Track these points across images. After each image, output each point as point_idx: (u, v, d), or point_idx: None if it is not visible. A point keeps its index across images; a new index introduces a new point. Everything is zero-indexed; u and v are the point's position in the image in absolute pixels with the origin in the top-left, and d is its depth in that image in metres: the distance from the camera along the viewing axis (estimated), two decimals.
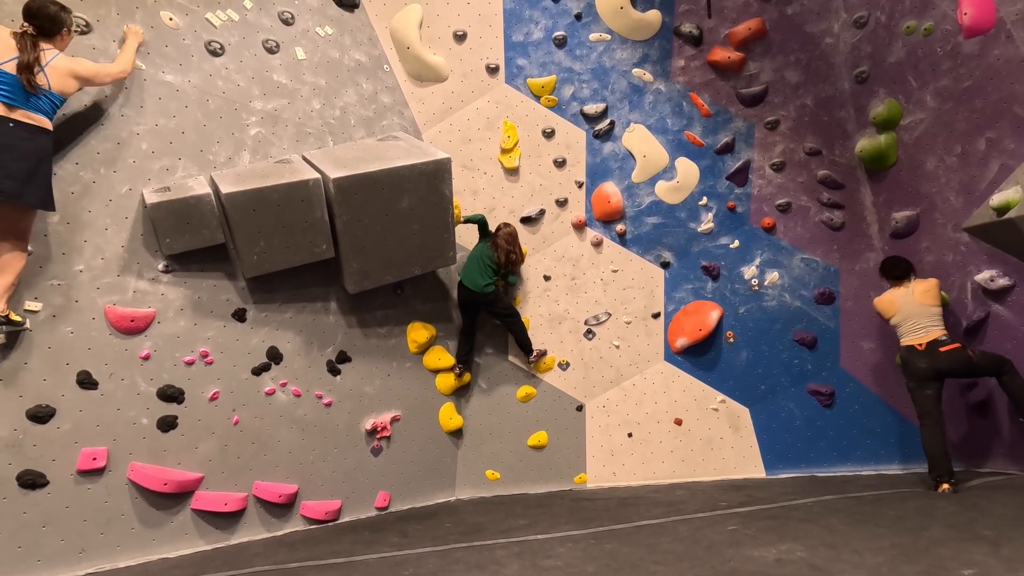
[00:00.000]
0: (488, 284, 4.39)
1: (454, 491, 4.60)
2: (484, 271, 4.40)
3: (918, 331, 3.96)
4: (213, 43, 3.77)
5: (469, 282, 4.41)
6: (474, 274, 4.41)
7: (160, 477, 3.41)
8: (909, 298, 4.04)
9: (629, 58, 4.75)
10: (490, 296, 4.42)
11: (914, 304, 4.01)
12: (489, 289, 4.40)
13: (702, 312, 4.82)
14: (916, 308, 4.00)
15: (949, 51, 4.04)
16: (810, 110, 4.76)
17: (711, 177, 4.86)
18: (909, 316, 4.01)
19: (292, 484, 3.88)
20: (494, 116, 4.71)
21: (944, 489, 3.70)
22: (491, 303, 4.46)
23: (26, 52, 2.82)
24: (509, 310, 4.58)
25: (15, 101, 2.82)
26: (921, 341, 3.92)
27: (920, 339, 3.93)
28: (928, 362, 3.86)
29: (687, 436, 4.80)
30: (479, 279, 4.39)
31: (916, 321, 3.98)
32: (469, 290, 4.41)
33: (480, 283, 4.38)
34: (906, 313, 4.03)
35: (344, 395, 4.16)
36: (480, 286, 4.38)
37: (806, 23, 4.61)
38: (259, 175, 3.65)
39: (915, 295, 4.03)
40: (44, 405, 3.19)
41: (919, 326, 3.96)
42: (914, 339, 3.96)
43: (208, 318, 3.67)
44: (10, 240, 2.94)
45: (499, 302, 4.51)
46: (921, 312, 3.97)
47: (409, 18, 4.47)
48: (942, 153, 4.23)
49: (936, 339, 3.89)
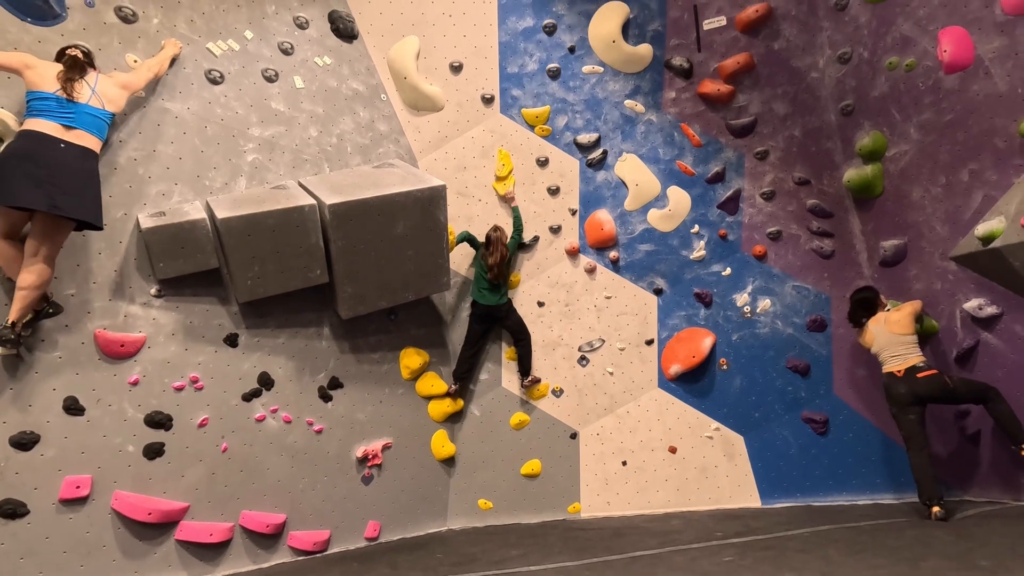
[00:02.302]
0: (501, 296, 4.48)
1: (446, 521, 4.52)
2: (488, 287, 4.46)
3: (896, 359, 4.09)
4: (213, 71, 3.84)
5: (481, 299, 4.47)
6: (482, 290, 4.47)
7: (144, 506, 3.33)
8: (882, 328, 4.20)
9: (621, 90, 4.86)
10: (504, 308, 4.51)
11: (886, 334, 4.16)
12: (503, 300, 4.50)
13: (695, 339, 4.83)
14: (889, 337, 4.14)
15: (931, 86, 4.17)
16: (798, 141, 4.87)
17: (702, 205, 4.93)
18: (885, 346, 4.16)
19: (280, 513, 3.80)
20: (489, 144, 4.78)
21: (936, 512, 3.74)
22: (506, 315, 4.53)
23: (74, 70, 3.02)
24: (522, 324, 4.64)
25: (73, 123, 2.99)
26: (899, 368, 4.04)
27: (898, 366, 4.06)
28: (906, 388, 3.99)
29: (682, 464, 4.75)
30: (489, 295, 4.46)
31: (893, 349, 4.11)
32: (483, 305, 4.48)
33: (492, 298, 4.45)
34: (881, 343, 4.19)
35: (335, 422, 4.11)
36: (493, 301, 4.45)
37: (792, 58, 4.75)
38: (255, 200, 3.67)
39: (887, 324, 4.18)
40: (28, 432, 3.13)
41: (896, 354, 4.10)
42: (893, 366, 4.09)
43: (199, 343, 3.64)
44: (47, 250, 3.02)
45: (513, 314, 4.59)
46: (896, 341, 4.11)
47: (406, 49, 4.57)
48: (927, 184, 4.33)
49: (914, 365, 4.00)
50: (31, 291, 2.96)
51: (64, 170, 2.92)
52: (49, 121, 2.94)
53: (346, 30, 4.42)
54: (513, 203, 4.70)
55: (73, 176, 2.96)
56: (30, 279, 2.94)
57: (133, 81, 3.36)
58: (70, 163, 2.95)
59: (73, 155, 2.97)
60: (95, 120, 3.09)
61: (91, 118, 3.06)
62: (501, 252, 4.44)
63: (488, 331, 4.61)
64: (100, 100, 3.10)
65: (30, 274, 2.94)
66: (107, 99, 3.15)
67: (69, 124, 2.98)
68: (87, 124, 3.05)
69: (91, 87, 3.08)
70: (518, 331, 4.62)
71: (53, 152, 2.91)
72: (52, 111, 2.95)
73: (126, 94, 3.30)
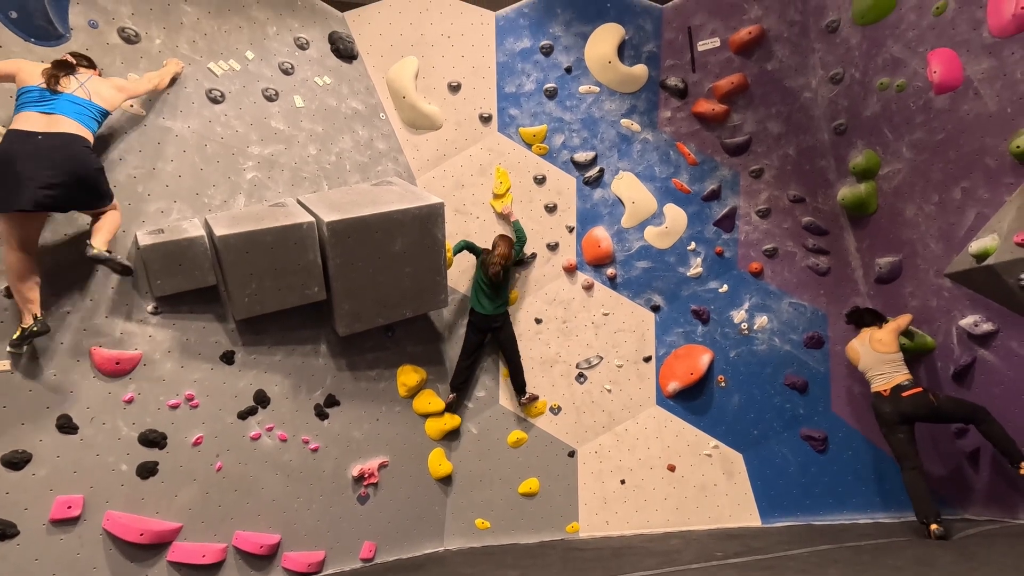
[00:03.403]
0: (499, 306, 4.51)
1: (442, 541, 4.46)
2: (488, 293, 4.47)
3: (881, 377, 4.11)
4: (214, 91, 3.88)
5: (479, 307, 4.49)
6: (481, 297, 4.48)
7: (136, 527, 3.28)
8: (867, 347, 4.22)
9: (617, 109, 4.93)
10: (500, 318, 4.52)
11: (872, 353, 4.18)
12: (501, 310, 4.52)
13: (693, 356, 4.83)
14: (874, 356, 4.16)
15: (921, 106, 4.23)
16: (792, 159, 4.93)
17: (699, 223, 4.97)
18: (871, 365, 4.18)
19: (274, 534, 3.75)
20: (487, 162, 4.82)
21: (935, 530, 3.69)
22: (501, 326, 4.54)
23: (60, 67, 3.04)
24: (514, 339, 4.65)
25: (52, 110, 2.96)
26: (885, 387, 4.06)
27: (884, 385, 4.07)
28: (891, 407, 4.00)
29: (681, 483, 4.71)
30: (487, 303, 4.48)
31: (878, 368, 4.13)
32: (480, 315, 4.49)
33: (490, 307, 4.48)
34: (867, 362, 4.21)
35: (331, 440, 4.08)
36: (490, 309, 4.47)
37: (785, 78, 4.83)
38: (253, 218, 3.68)
39: (871, 343, 4.20)
40: (20, 451, 3.09)
41: (881, 373, 4.11)
42: (879, 386, 4.11)
43: (195, 360, 3.63)
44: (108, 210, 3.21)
45: (508, 327, 4.61)
46: (880, 359, 4.13)
47: (405, 69, 4.63)
48: (920, 202, 4.37)
49: (899, 384, 4.01)
50: (101, 225, 3.15)
51: (42, 162, 2.86)
52: (29, 111, 2.92)
53: (346, 51, 4.49)
54: (513, 218, 4.73)
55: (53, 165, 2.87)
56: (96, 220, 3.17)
57: (130, 86, 3.38)
58: (49, 154, 2.88)
59: (51, 145, 2.89)
60: (77, 107, 3.02)
61: (72, 105, 3.01)
62: (506, 251, 4.42)
63: (484, 342, 4.61)
64: (87, 92, 3.08)
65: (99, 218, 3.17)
66: (96, 94, 3.12)
67: (48, 111, 2.94)
68: (67, 111, 2.99)
69: (80, 82, 3.08)
70: (509, 345, 4.61)
71: (30, 146, 2.85)
72: (33, 102, 2.94)
73: (121, 96, 3.29)
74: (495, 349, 4.74)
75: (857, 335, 4.43)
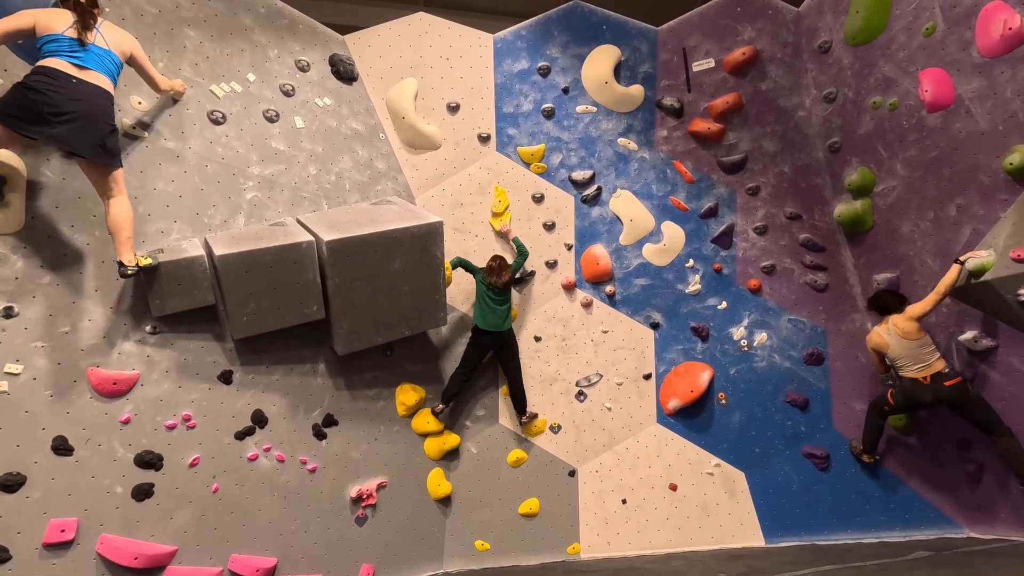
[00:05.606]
0: (505, 321, 4.45)
1: (442, 563, 4.38)
2: (494, 305, 4.42)
3: (919, 365, 4.06)
4: (215, 112, 3.92)
5: (483, 323, 4.42)
6: (487, 312, 4.42)
7: (131, 551, 3.23)
8: (896, 337, 4.17)
9: (614, 128, 4.98)
10: (505, 334, 4.47)
11: (902, 342, 4.13)
12: (506, 327, 4.46)
13: (693, 373, 4.81)
14: (905, 344, 4.11)
15: (914, 124, 4.29)
16: (788, 177, 4.97)
17: (696, 240, 4.99)
18: (902, 353, 4.13)
19: (271, 557, 3.69)
20: (485, 181, 4.86)
21: (867, 460, 4.49)
22: (505, 342, 4.48)
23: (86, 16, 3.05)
24: (517, 359, 4.59)
25: (84, 63, 2.99)
26: (925, 375, 4.02)
27: (923, 372, 4.03)
28: (932, 395, 3.99)
29: (682, 502, 4.66)
30: (492, 318, 4.41)
31: (914, 356, 4.08)
32: (485, 332, 4.42)
33: (495, 321, 4.42)
34: (898, 351, 4.15)
35: (329, 460, 4.04)
36: (495, 325, 4.41)
37: (779, 98, 4.90)
38: (253, 237, 3.70)
39: (900, 332, 4.14)
40: (15, 473, 3.06)
41: (919, 360, 4.06)
42: (916, 372, 4.07)
43: (193, 380, 3.61)
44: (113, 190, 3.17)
45: (513, 343, 4.55)
46: (913, 347, 4.08)
47: (405, 90, 4.70)
48: (916, 218, 4.40)
49: (939, 372, 3.99)
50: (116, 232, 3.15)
51: (70, 104, 2.89)
52: (61, 60, 2.94)
53: (346, 72, 4.55)
54: (511, 235, 4.74)
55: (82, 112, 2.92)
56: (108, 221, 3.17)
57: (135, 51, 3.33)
58: (81, 98, 2.93)
59: (85, 92, 2.95)
60: (102, 60, 3.08)
61: (99, 59, 3.07)
62: (506, 263, 4.44)
63: (485, 357, 4.56)
64: (104, 41, 3.11)
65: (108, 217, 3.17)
66: (113, 44, 3.15)
67: (81, 64, 2.98)
68: (96, 65, 3.04)
69: (95, 28, 3.10)
70: (512, 364, 4.55)
71: (64, 86, 2.89)
72: (64, 51, 2.96)
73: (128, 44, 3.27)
74: (494, 367, 4.72)
75: (880, 322, 4.35)
